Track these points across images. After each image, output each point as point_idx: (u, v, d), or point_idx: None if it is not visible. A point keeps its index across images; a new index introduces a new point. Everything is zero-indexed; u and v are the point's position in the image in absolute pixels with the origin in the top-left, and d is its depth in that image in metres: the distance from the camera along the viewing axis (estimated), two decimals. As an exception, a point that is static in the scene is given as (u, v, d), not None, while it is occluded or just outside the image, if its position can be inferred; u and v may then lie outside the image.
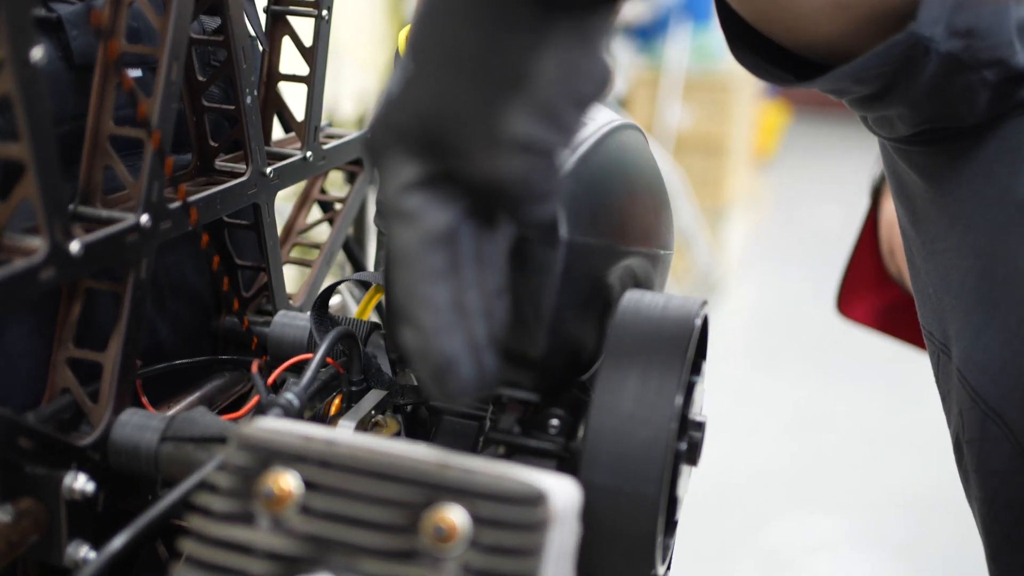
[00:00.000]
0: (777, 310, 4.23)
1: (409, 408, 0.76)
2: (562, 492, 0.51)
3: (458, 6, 0.43)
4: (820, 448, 3.11)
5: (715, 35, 4.16)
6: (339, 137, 0.94)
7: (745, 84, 4.68)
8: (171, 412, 0.72)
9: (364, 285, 0.86)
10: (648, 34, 4.78)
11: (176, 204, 0.65)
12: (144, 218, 0.63)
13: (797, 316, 4.09)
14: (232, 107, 0.76)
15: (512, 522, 0.48)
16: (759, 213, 5.35)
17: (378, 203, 0.76)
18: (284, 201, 0.92)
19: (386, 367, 0.77)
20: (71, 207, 0.62)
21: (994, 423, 0.68)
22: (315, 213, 0.98)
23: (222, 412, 0.73)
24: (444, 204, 0.44)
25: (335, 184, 1.02)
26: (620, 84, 4.52)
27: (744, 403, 3.24)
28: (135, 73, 0.69)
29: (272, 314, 0.81)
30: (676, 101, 4.52)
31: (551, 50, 0.43)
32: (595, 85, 0.44)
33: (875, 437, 3.15)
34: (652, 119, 4.51)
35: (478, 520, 0.48)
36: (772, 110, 6.09)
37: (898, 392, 3.37)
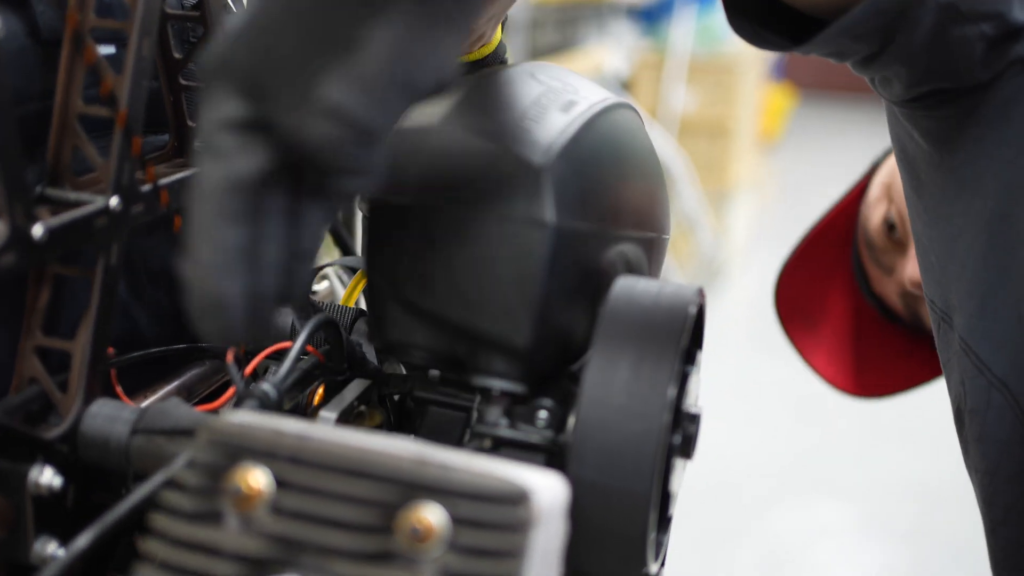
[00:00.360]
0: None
1: (396, 398, 0.73)
2: (547, 490, 0.48)
3: None
4: (824, 435, 3.08)
5: (720, 17, 4.13)
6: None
7: (750, 67, 4.64)
8: (146, 402, 0.69)
9: (352, 270, 0.84)
10: (653, 16, 4.73)
11: (148, 186, 0.63)
12: (114, 201, 0.60)
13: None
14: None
15: (493, 522, 0.45)
16: (764, 197, 5.31)
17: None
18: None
19: (371, 356, 0.74)
20: (38, 189, 0.60)
21: (999, 392, 0.66)
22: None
23: (201, 402, 0.70)
24: (254, 151, 0.44)
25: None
26: (624, 66, 4.48)
27: (748, 389, 3.22)
28: (108, 50, 0.66)
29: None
30: (680, 84, 4.48)
31: (385, 28, 0.42)
32: (427, 76, 0.43)
33: (880, 423, 3.12)
34: (656, 102, 4.47)
35: (457, 520, 0.45)
36: (777, 93, 6.05)
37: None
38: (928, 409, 3.01)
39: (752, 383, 3.28)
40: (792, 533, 2.63)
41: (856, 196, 1.13)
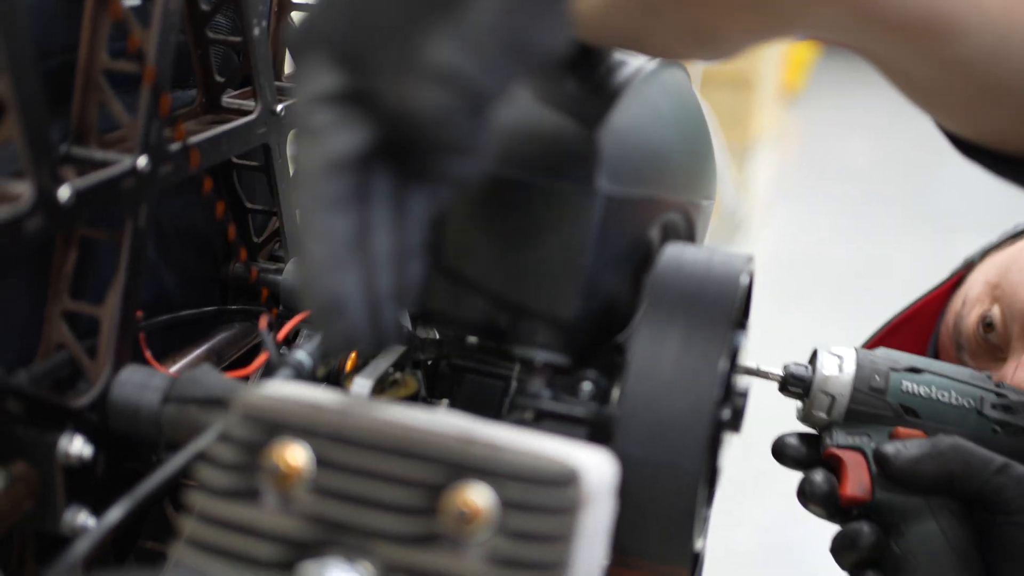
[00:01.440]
0: (803, 249, 4.16)
1: (429, 364, 0.71)
2: (596, 469, 0.46)
3: None
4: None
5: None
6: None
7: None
8: (175, 368, 0.67)
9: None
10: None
11: (177, 145, 0.60)
12: (142, 161, 0.58)
13: (823, 255, 4.03)
14: (239, 39, 0.70)
15: (542, 504, 0.44)
16: (786, 150, 5.25)
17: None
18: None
19: (404, 321, 0.72)
20: (63, 148, 0.57)
21: None
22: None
23: (231, 367, 0.68)
24: (356, 126, 0.39)
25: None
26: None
27: (769, 342, 3.19)
28: (133, 2, 0.63)
29: (284, 261, 0.76)
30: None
31: None
32: (541, 41, 0.39)
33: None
34: (678, 52, 4.40)
35: (504, 502, 0.43)
36: (800, 44, 5.96)
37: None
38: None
39: (774, 336, 3.26)
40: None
41: (946, 292, 1.07)
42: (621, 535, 0.52)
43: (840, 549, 0.71)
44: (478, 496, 0.43)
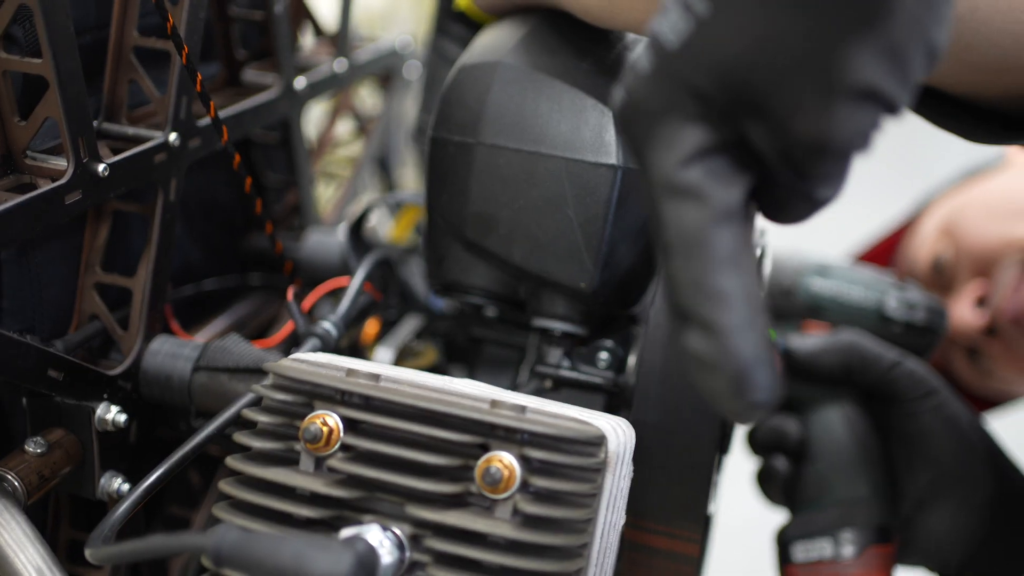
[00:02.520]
0: (794, 231, 4.17)
1: (448, 335, 0.73)
2: (617, 433, 0.48)
3: None
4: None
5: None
6: (371, 41, 0.89)
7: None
8: (202, 338, 0.69)
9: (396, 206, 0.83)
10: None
11: (205, 120, 0.62)
12: (172, 136, 0.59)
13: (814, 238, 4.05)
14: (261, 15, 0.72)
15: (569, 466, 0.45)
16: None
17: (419, 120, 0.72)
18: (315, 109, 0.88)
19: (422, 292, 0.74)
20: (95, 124, 0.59)
21: None
22: (348, 123, 0.94)
23: (253, 338, 0.70)
24: (735, 176, 0.36)
25: (368, 85, 0.98)
26: None
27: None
28: (159, -21, 0.64)
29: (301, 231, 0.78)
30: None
31: None
32: (945, 32, 0.35)
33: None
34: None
35: (533, 464, 0.45)
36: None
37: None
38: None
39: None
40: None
41: (903, 231, 1.10)
42: (638, 499, 0.54)
43: (762, 483, 0.76)
44: (507, 458, 0.45)
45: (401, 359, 0.71)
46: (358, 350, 0.70)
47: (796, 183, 0.36)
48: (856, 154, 0.35)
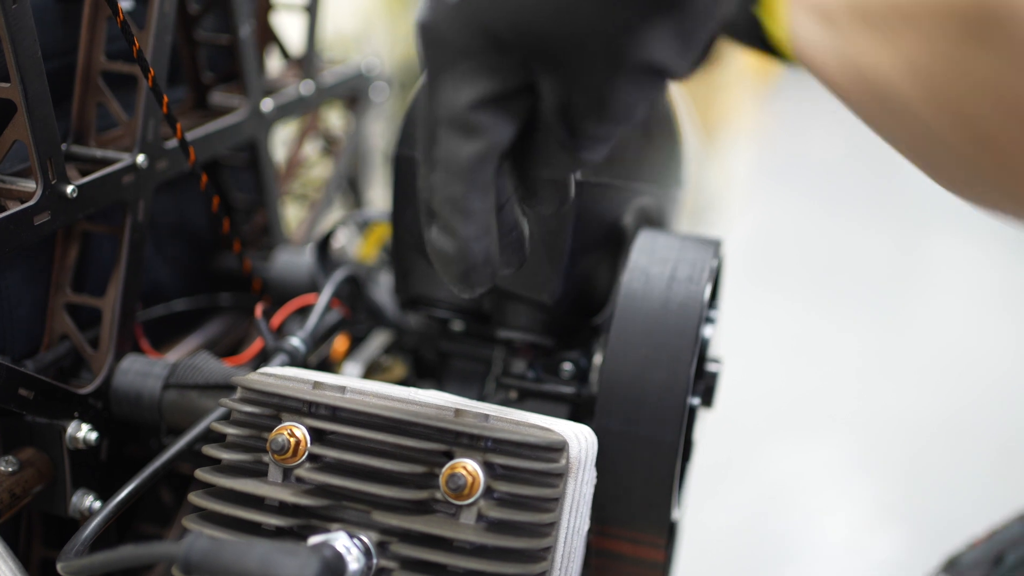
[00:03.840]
0: (779, 236, 4.21)
1: (416, 350, 0.74)
2: (580, 439, 0.50)
3: None
4: (820, 372, 3.11)
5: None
6: (337, 63, 0.91)
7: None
8: (172, 357, 0.70)
9: (364, 224, 0.84)
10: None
11: (173, 142, 0.63)
12: (140, 158, 0.60)
13: (799, 242, 4.08)
14: (227, 39, 0.73)
15: (532, 471, 0.47)
16: (762, 141, 5.30)
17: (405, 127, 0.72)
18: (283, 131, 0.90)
19: (389, 308, 0.75)
20: (63, 147, 0.60)
21: None
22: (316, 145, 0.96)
23: (223, 357, 0.71)
24: (512, 121, 0.40)
25: (335, 107, 0.99)
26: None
27: (743, 322, 3.24)
28: (125, 5, 0.66)
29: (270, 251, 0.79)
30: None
31: None
32: (726, 10, 0.39)
33: (876, 359, 3.15)
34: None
35: (497, 470, 0.47)
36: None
37: (899, 317, 3.37)
38: (924, 345, 3.04)
39: (748, 316, 3.30)
40: (787, 468, 2.67)
41: None
42: (602, 505, 0.55)
43: None
44: (471, 465, 0.46)
45: (369, 374, 0.72)
46: (328, 367, 0.71)
47: (567, 139, 0.40)
48: (633, 121, 0.39)
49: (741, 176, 4.72)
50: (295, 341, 0.62)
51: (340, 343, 0.73)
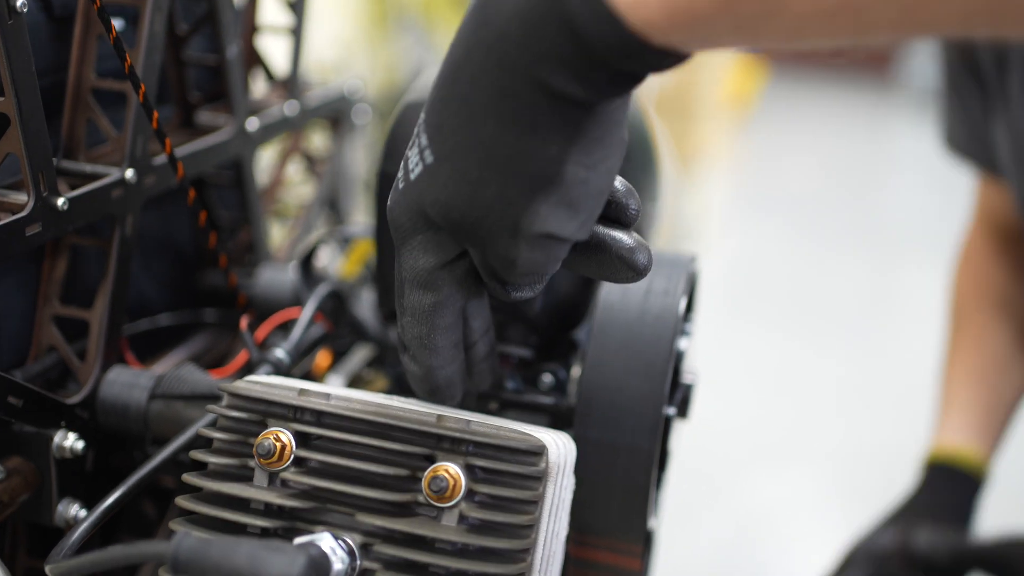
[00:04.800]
0: (756, 264, 4.25)
1: (398, 365, 0.75)
2: (558, 445, 0.51)
3: (482, 100, 0.44)
4: (796, 402, 3.14)
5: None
6: (320, 86, 0.93)
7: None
8: (158, 370, 0.71)
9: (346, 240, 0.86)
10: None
11: (161, 158, 0.64)
12: (129, 173, 0.61)
13: (776, 270, 4.12)
14: (214, 59, 0.75)
15: (512, 474, 0.48)
16: (739, 171, 5.36)
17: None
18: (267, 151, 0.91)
19: (372, 323, 0.76)
20: (54, 162, 0.61)
21: None
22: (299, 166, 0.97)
23: (208, 369, 0.72)
24: (460, 276, 0.50)
25: (318, 128, 1.01)
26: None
27: (721, 346, 3.26)
28: (118, 25, 0.67)
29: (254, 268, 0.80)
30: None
31: (578, 154, 0.44)
32: (613, 175, 0.47)
33: (852, 391, 3.18)
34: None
35: (478, 473, 0.48)
36: (749, 65, 6.07)
37: (875, 345, 3.41)
38: (898, 376, 3.07)
39: (726, 341, 3.33)
40: (763, 498, 2.69)
41: None
42: (581, 513, 0.57)
43: None
44: (452, 468, 0.47)
45: (352, 387, 0.73)
46: (311, 380, 0.72)
47: (498, 288, 0.49)
48: (545, 274, 0.48)
49: (718, 205, 4.76)
50: (279, 353, 0.63)
51: (323, 358, 0.74)
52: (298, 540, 0.46)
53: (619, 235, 0.50)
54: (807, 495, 2.75)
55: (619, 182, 0.50)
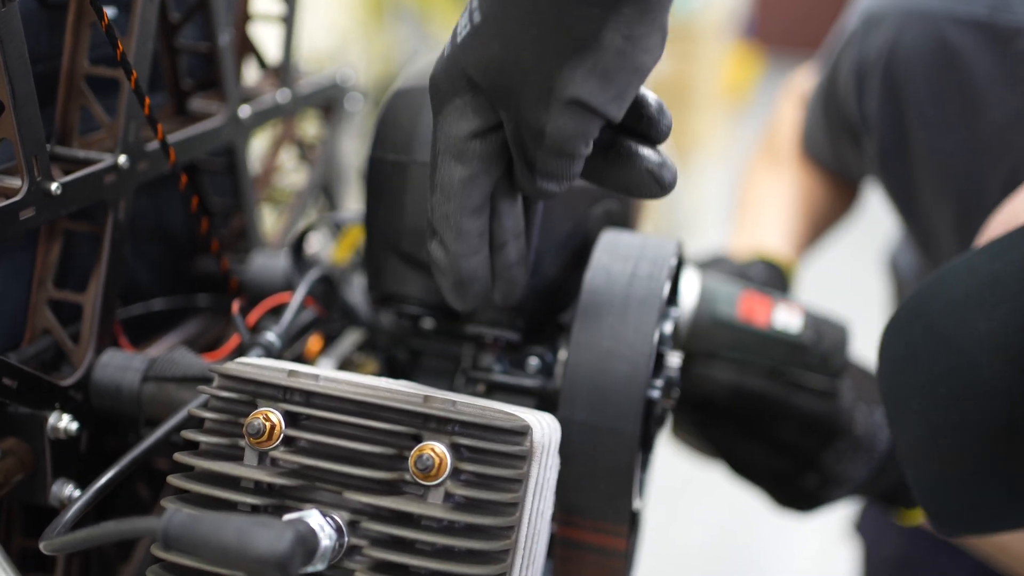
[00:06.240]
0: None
1: (388, 348, 0.76)
2: (543, 425, 0.52)
3: None
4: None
5: (686, -20, 4.13)
6: (313, 74, 0.93)
7: (715, 27, 4.66)
8: (151, 353, 0.72)
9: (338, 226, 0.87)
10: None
11: (154, 144, 0.65)
12: (122, 158, 0.62)
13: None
14: (206, 47, 0.75)
15: (497, 453, 0.49)
16: (732, 165, 5.36)
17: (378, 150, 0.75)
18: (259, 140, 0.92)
19: (363, 308, 0.77)
20: (48, 148, 0.62)
21: None
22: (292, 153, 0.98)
23: (200, 353, 0.73)
24: (495, 149, 0.49)
25: (310, 118, 1.02)
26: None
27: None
28: (109, 12, 0.68)
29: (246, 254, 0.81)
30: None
31: (618, 22, 0.45)
32: (652, 57, 0.47)
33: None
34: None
35: (463, 451, 0.49)
36: (746, 54, 6.07)
37: (869, 338, 3.42)
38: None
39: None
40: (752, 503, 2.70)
41: None
42: (566, 494, 0.58)
43: None
44: (439, 446, 0.48)
45: (342, 370, 0.74)
46: (302, 363, 0.73)
47: (525, 172, 0.49)
48: (573, 154, 0.48)
49: (715, 196, 4.77)
50: (270, 336, 0.64)
51: (314, 342, 0.75)
52: (287, 517, 0.47)
53: (648, 150, 0.51)
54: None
55: (652, 97, 0.51)
